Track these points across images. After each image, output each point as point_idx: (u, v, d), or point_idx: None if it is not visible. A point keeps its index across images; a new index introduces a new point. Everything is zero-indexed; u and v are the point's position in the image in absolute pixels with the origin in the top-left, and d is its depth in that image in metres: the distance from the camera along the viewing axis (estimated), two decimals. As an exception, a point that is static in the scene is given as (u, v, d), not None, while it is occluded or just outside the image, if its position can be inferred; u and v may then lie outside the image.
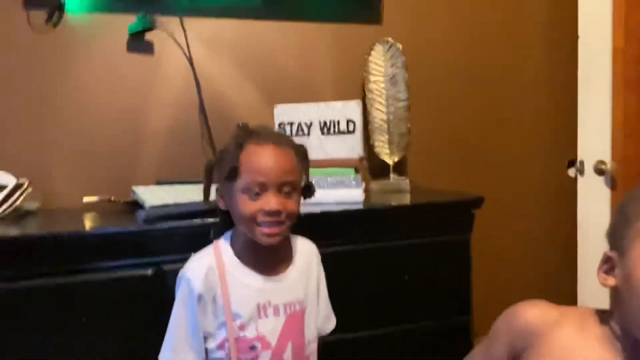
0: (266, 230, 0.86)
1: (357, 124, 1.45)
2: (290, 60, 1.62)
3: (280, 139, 0.92)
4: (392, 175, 1.61)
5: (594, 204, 1.67)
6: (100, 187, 1.40)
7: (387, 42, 1.59)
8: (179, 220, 1.10)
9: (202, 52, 1.53)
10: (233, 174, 0.86)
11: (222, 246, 0.93)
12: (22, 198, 1.22)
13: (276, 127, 1.43)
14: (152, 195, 1.18)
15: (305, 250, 1.00)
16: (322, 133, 1.43)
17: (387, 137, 1.61)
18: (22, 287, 1.02)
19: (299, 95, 1.55)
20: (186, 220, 1.10)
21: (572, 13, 1.74)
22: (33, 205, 1.30)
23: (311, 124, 1.43)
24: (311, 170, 0.96)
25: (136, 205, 1.27)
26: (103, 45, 1.45)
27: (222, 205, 0.92)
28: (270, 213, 0.85)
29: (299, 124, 1.43)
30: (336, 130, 1.43)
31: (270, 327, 0.90)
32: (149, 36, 1.48)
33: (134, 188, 1.28)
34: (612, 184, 1.64)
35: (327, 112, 1.44)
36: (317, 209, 1.19)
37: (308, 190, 0.95)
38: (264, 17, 1.57)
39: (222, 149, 0.93)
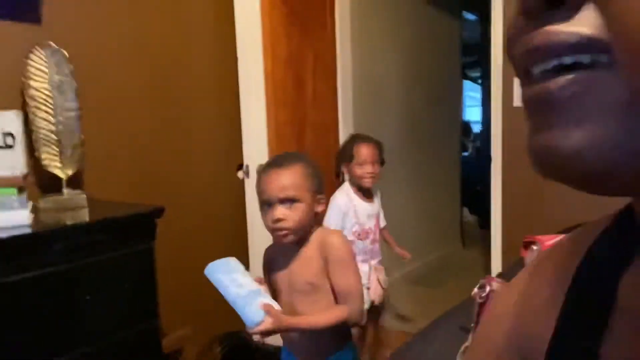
0: (367, 178, 1.84)
1: (18, 137, 1.28)
2: None
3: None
4: (65, 190, 1.50)
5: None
6: None
7: (50, 46, 1.46)
8: None
9: None
10: (348, 158, 1.84)
11: (347, 188, 1.89)
12: None
13: None
14: None
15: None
16: (-30, 149, 1.21)
17: (57, 149, 1.48)
18: None
19: None
20: None
21: (233, 37, 2.01)
22: None
23: (-48, 137, 1.19)
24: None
25: None
26: None
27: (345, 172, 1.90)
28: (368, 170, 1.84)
29: None
30: (-11, 144, 1.23)
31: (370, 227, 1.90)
32: None
33: None
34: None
35: (-25, 124, 1.22)
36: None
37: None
38: None
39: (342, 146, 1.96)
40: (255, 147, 2.06)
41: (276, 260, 1.23)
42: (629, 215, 0.29)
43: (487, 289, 0.75)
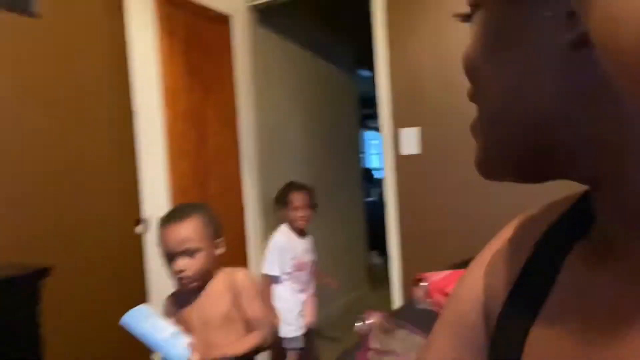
0: (301, 221, 2.11)
1: None
2: None
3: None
4: None
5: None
6: None
7: None
8: None
9: None
10: (284, 204, 2.13)
11: (285, 229, 2.14)
12: None
13: None
14: None
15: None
16: None
17: None
18: None
19: None
20: None
21: (129, 90, 2.00)
22: None
23: None
24: None
25: None
26: None
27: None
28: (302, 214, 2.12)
29: None
30: None
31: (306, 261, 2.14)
32: None
33: None
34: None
35: None
36: None
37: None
38: None
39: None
40: (156, 199, 2.02)
41: (184, 303, 1.29)
42: (586, 198, 0.32)
43: (368, 321, 0.81)
